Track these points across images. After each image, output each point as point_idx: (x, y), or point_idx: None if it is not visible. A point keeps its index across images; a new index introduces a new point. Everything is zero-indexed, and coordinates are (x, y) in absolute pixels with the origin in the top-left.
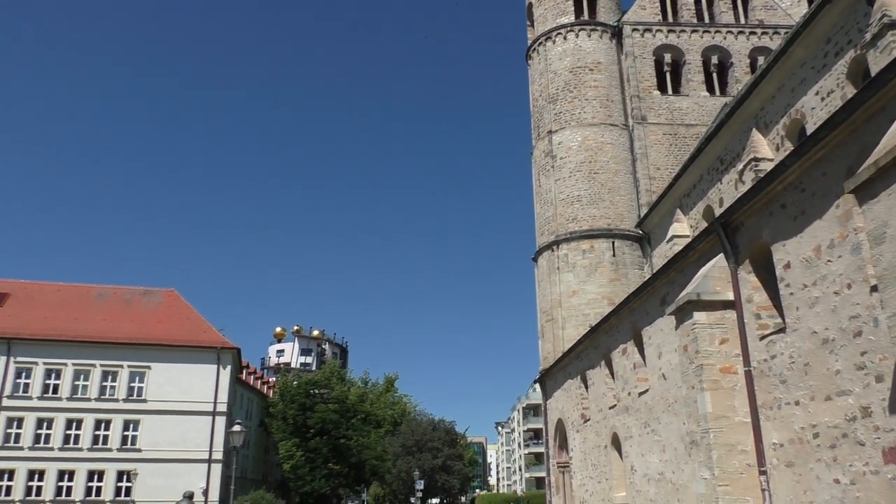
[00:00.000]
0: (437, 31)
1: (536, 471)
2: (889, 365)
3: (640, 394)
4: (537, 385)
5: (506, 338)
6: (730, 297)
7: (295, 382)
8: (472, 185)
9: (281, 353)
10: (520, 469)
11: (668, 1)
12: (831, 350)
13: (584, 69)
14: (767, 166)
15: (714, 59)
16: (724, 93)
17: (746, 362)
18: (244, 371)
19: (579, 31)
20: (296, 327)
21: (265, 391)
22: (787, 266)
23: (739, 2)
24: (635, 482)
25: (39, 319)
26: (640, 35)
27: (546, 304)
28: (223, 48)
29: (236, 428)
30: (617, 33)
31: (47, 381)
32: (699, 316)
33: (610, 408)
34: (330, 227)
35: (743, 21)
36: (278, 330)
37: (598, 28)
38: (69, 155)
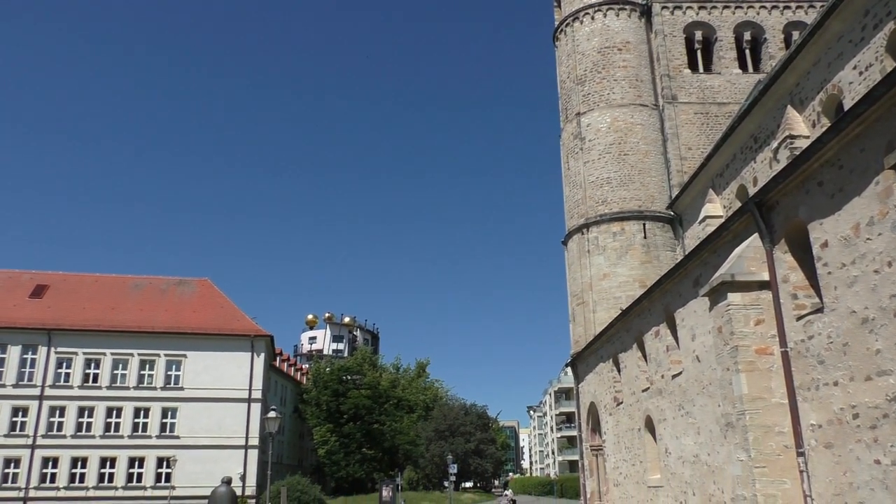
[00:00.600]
0: (462, 16)
1: (569, 454)
2: None
3: (674, 376)
4: (569, 369)
5: (536, 322)
6: (765, 277)
7: (328, 369)
8: (500, 170)
9: (313, 340)
10: (552, 452)
11: None
12: (871, 329)
13: (612, 49)
14: (803, 144)
15: (747, 36)
16: (757, 70)
17: (783, 343)
18: (277, 358)
19: (607, 10)
20: (327, 314)
21: (298, 378)
22: (825, 245)
23: None
24: (670, 464)
25: (78, 310)
26: (670, 13)
27: (577, 288)
28: (257, 34)
29: (272, 414)
30: (646, 11)
31: (87, 371)
32: (734, 297)
33: (643, 391)
34: (360, 214)
35: None
36: (310, 317)
37: (627, 7)
38: (105, 147)
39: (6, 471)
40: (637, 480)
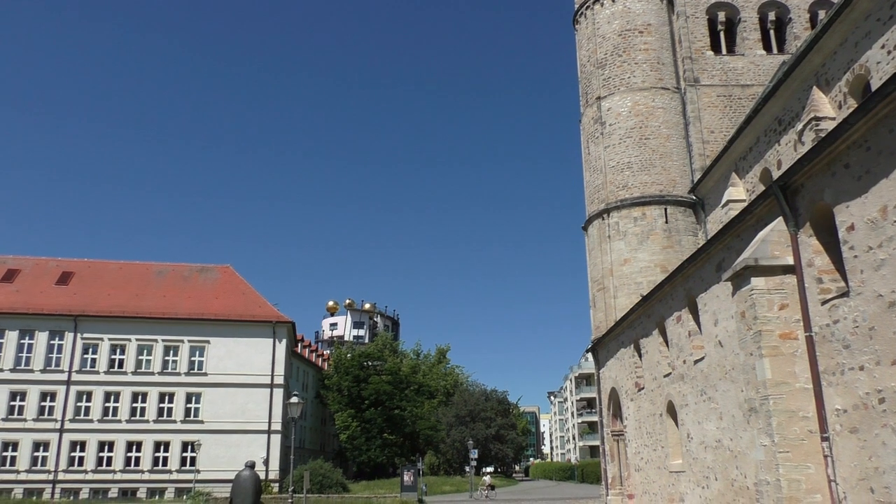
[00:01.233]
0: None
1: (590, 439)
2: None
3: (696, 361)
4: (590, 355)
5: (557, 308)
6: (789, 261)
7: (349, 355)
8: (520, 155)
9: (334, 326)
10: (573, 438)
11: None
12: None
13: (633, 32)
14: (829, 125)
15: (771, 16)
16: (781, 50)
17: (808, 327)
18: (299, 344)
19: None
20: (348, 301)
21: (320, 364)
22: (851, 228)
23: None
24: (691, 450)
25: (104, 297)
26: None
27: (597, 274)
28: (280, 20)
29: (294, 399)
30: None
31: (113, 357)
32: (757, 281)
33: (664, 376)
34: (379, 201)
35: None
36: (331, 304)
37: None
38: (127, 136)
39: (35, 454)
40: (658, 465)
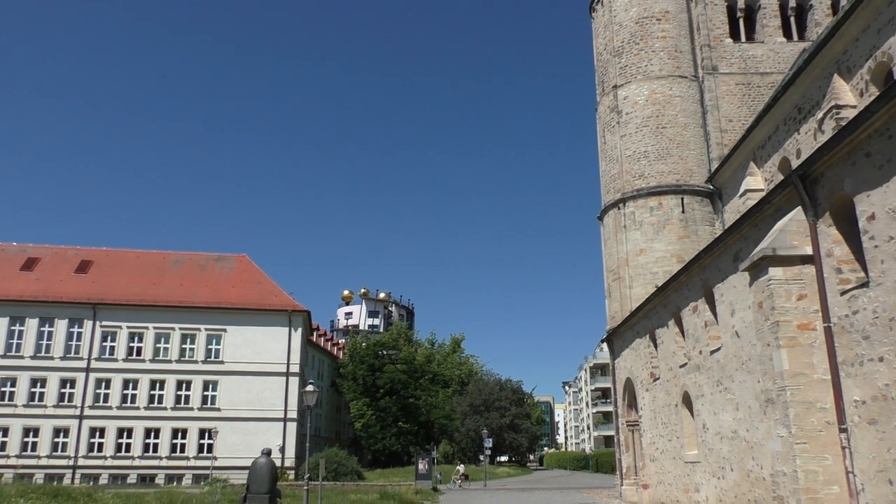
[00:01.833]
0: None
1: (605, 429)
2: None
3: (712, 352)
4: (604, 345)
5: (572, 298)
6: (808, 251)
7: (364, 344)
8: (535, 144)
9: (349, 315)
10: (588, 428)
11: None
12: None
13: (650, 19)
14: (850, 113)
15: (792, 2)
16: (802, 38)
17: (826, 318)
18: (314, 333)
19: None
20: (363, 290)
21: (335, 353)
22: (871, 217)
23: None
24: (707, 440)
25: (122, 285)
26: None
27: (613, 263)
28: (292, 8)
29: (309, 388)
30: None
31: (131, 344)
32: (775, 272)
33: (680, 366)
34: (394, 189)
35: None
36: (346, 293)
37: None
38: (142, 126)
39: (56, 440)
40: (674, 456)
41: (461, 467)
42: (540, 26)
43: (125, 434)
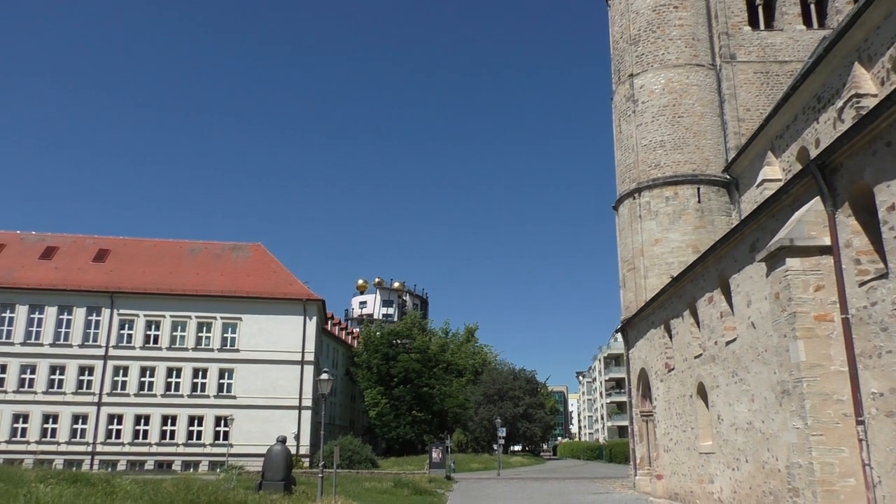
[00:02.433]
0: None
1: (619, 419)
2: None
3: (728, 343)
4: (619, 335)
5: (586, 288)
6: (826, 242)
7: (378, 333)
8: (550, 134)
9: (364, 304)
10: (602, 418)
11: None
12: None
13: (668, 7)
14: (871, 102)
15: None
16: (822, 25)
17: (844, 309)
18: (329, 322)
19: None
20: (377, 279)
21: (349, 342)
22: (892, 208)
23: None
24: (722, 431)
25: (139, 274)
26: None
27: (627, 254)
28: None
29: (324, 376)
30: None
31: (148, 333)
32: (792, 262)
33: (695, 357)
34: (409, 179)
35: None
36: (360, 282)
37: None
38: (157, 115)
39: (74, 426)
40: (688, 446)
41: (436, 452)
42: (555, 15)
43: (142, 421)
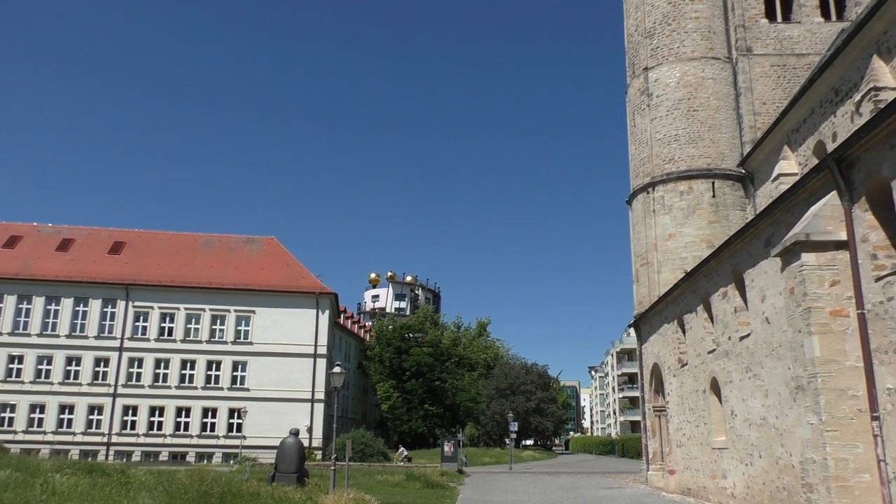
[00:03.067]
0: None
1: (631, 414)
2: None
3: (742, 338)
4: (631, 330)
5: (599, 282)
6: (842, 237)
7: (390, 327)
8: (562, 128)
9: (376, 298)
10: (614, 413)
11: None
12: None
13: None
14: (889, 96)
15: None
16: (841, 18)
17: (860, 305)
18: (342, 315)
19: None
20: (390, 273)
21: (362, 335)
22: None
23: None
24: (735, 427)
25: (153, 266)
26: None
27: (641, 248)
28: None
29: (336, 370)
30: None
31: (162, 325)
32: (808, 257)
33: (709, 352)
34: (422, 174)
35: None
36: (373, 276)
37: None
38: (176, 109)
39: (90, 417)
40: (701, 442)
41: (403, 450)
42: (570, 9)
43: (157, 413)
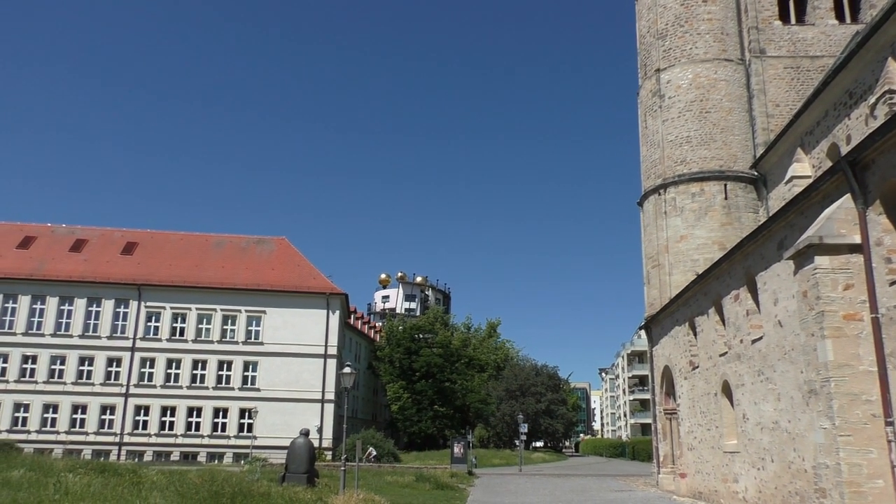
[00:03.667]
0: None
1: (641, 417)
2: None
3: (754, 341)
4: (642, 332)
5: (609, 284)
6: (856, 240)
7: (400, 327)
8: (575, 129)
9: (386, 298)
10: (624, 415)
11: None
12: None
13: (696, 1)
14: None
15: None
16: (855, 20)
17: (874, 309)
18: (352, 316)
19: None
20: (400, 274)
21: (372, 336)
22: None
23: None
24: (747, 430)
25: (165, 267)
26: None
27: (652, 250)
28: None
29: (347, 370)
30: None
31: (174, 325)
32: (821, 260)
33: (720, 355)
34: (433, 175)
35: None
36: (383, 276)
37: None
38: (185, 110)
39: (103, 417)
40: (712, 445)
41: (372, 449)
42: (581, 10)
43: (168, 412)
